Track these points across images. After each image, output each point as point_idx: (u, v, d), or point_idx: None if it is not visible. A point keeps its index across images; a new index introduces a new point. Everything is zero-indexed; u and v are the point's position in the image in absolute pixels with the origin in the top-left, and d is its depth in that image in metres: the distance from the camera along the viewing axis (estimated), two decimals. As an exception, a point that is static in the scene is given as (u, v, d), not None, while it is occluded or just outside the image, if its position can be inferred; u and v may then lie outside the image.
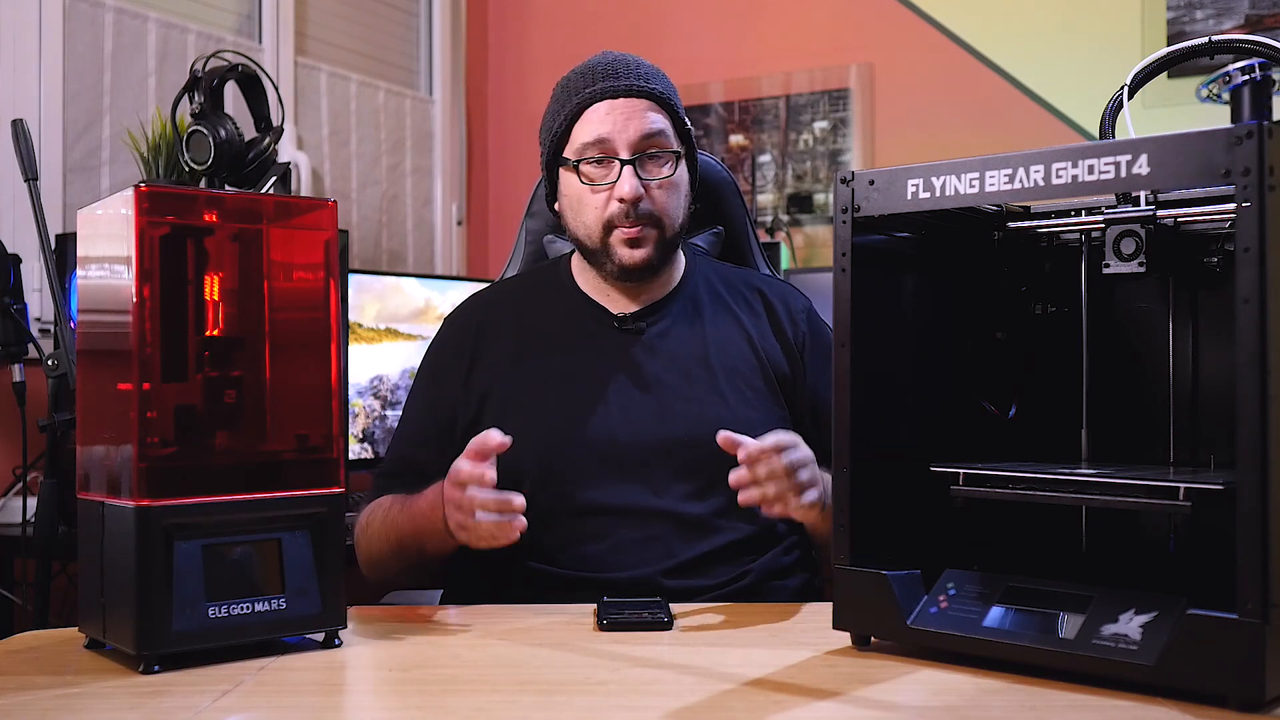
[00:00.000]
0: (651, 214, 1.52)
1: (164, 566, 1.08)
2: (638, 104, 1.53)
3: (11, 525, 2.21)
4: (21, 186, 1.57)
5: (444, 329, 1.67)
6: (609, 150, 1.51)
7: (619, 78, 1.54)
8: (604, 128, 1.51)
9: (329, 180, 3.26)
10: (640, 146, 1.52)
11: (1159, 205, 1.11)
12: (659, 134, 1.53)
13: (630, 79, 1.54)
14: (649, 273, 1.56)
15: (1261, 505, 0.91)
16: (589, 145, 1.52)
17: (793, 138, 3.49)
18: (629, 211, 1.51)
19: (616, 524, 1.48)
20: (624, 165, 1.50)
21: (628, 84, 1.53)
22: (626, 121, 1.51)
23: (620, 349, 1.57)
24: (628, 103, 1.52)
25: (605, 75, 1.54)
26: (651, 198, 1.52)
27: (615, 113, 1.52)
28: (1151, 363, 1.18)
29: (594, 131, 1.52)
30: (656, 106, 1.54)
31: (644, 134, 1.52)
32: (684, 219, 1.58)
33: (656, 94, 1.54)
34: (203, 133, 1.67)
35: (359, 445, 2.64)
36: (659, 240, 1.54)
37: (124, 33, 2.71)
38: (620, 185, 1.50)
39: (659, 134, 1.53)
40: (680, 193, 1.56)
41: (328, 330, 1.21)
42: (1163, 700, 0.95)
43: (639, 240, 1.52)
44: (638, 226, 1.52)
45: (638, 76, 1.54)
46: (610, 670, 1.09)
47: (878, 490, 1.15)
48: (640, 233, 1.52)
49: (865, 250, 1.15)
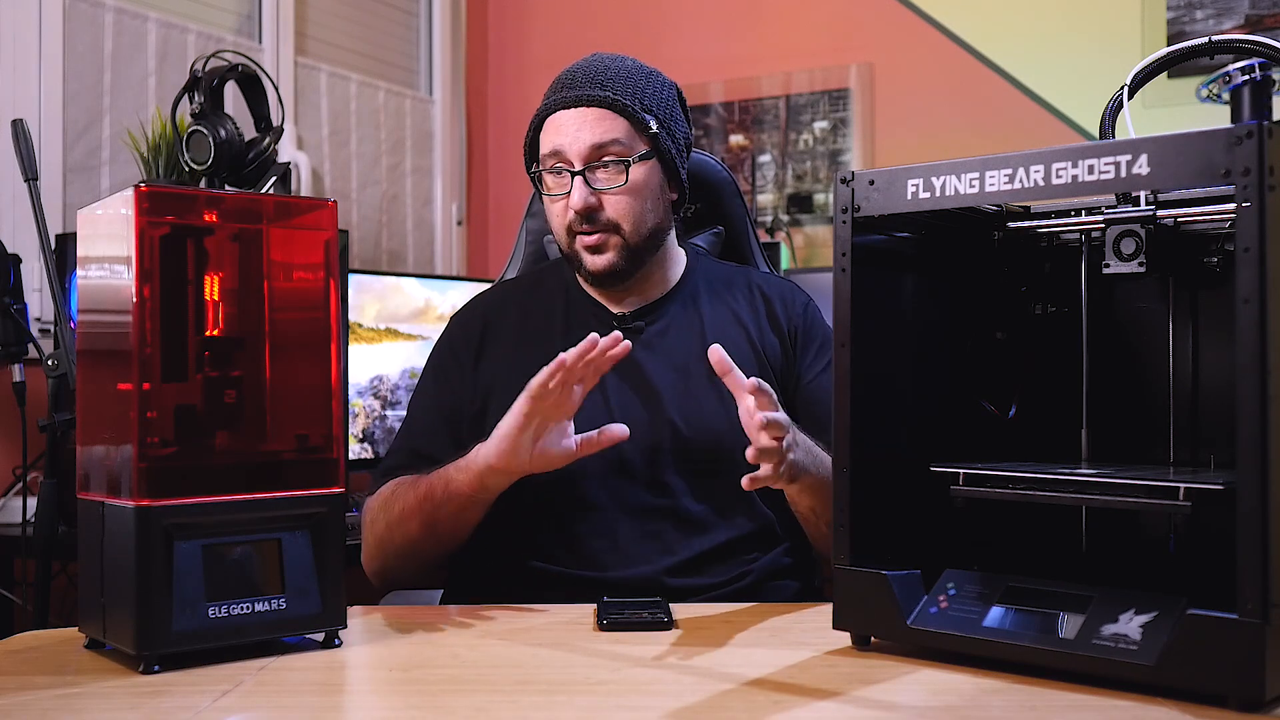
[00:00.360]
0: (610, 221, 1.54)
1: (164, 566, 1.08)
2: (589, 113, 1.53)
3: (11, 525, 2.21)
4: (21, 186, 1.57)
5: (451, 326, 1.68)
6: (563, 161, 1.54)
7: (575, 87, 1.55)
8: (557, 139, 1.54)
9: (329, 180, 3.26)
10: (591, 156, 1.53)
11: (1159, 205, 1.11)
12: (610, 143, 1.53)
13: (584, 88, 1.54)
14: (617, 279, 1.57)
15: (1261, 505, 0.91)
16: (547, 156, 1.56)
17: (793, 138, 3.49)
18: (580, 221, 1.53)
19: (616, 521, 1.48)
20: (574, 176, 1.53)
21: (578, 94, 1.54)
22: (577, 132, 1.53)
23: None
24: (579, 112, 1.53)
25: (564, 85, 1.56)
26: (609, 204, 1.53)
27: (566, 124, 1.54)
28: (1151, 363, 1.18)
29: (550, 143, 1.55)
30: (611, 114, 1.54)
31: (593, 144, 1.52)
32: (656, 221, 1.57)
33: (608, 100, 1.54)
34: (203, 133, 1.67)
35: (359, 445, 2.64)
36: (622, 246, 1.55)
37: (124, 33, 2.71)
38: (572, 196, 1.53)
39: (610, 143, 1.53)
40: (645, 198, 1.55)
41: (328, 330, 1.21)
42: (1163, 700, 0.95)
43: (599, 247, 1.54)
44: (595, 235, 1.54)
45: (594, 84, 1.54)
46: (610, 670, 1.09)
47: (878, 490, 1.15)
48: (599, 240, 1.54)
49: (865, 250, 1.15)
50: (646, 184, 1.56)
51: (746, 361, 1.58)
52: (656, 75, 1.60)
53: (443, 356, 1.65)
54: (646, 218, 1.56)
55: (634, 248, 1.56)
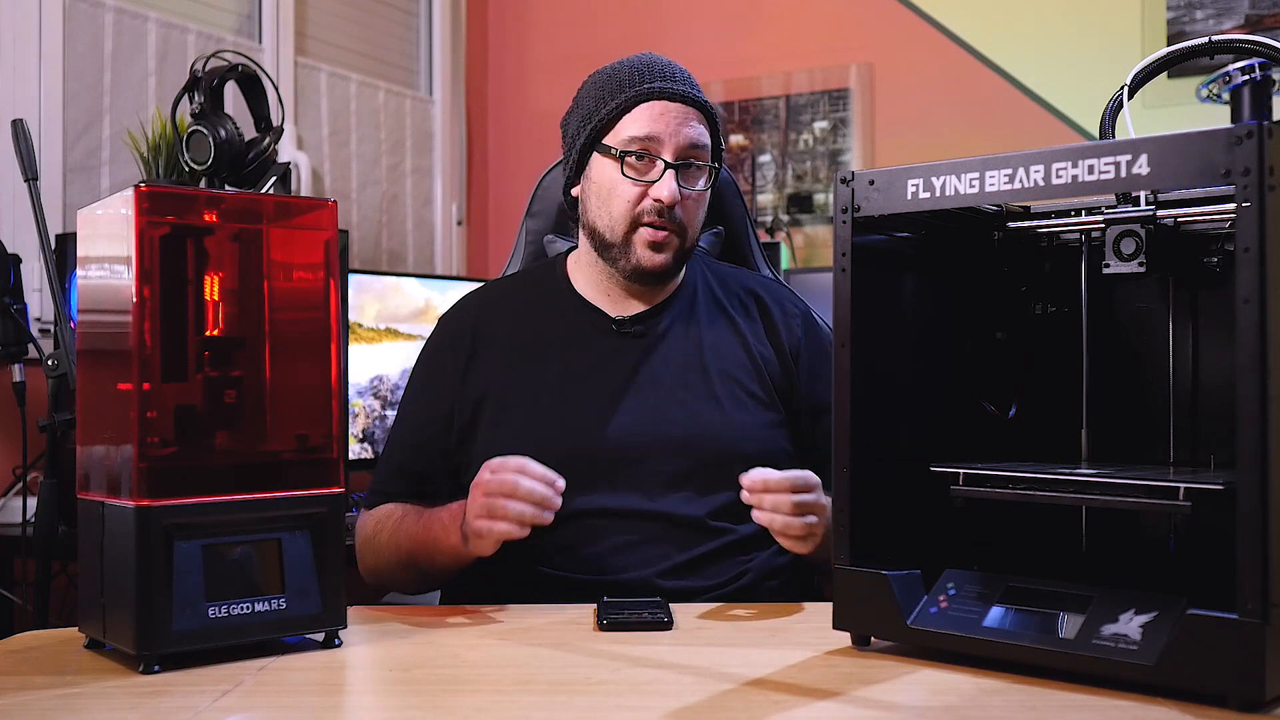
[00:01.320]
0: (681, 222, 1.53)
1: (164, 566, 1.08)
2: (690, 112, 1.54)
3: (11, 525, 2.21)
4: (21, 186, 1.57)
5: (439, 329, 1.66)
6: (654, 149, 1.52)
7: (676, 81, 1.54)
8: (655, 126, 1.52)
9: (329, 180, 3.26)
10: (685, 154, 1.52)
11: (1159, 205, 1.11)
12: (703, 147, 1.54)
13: (686, 85, 1.55)
14: (663, 278, 1.57)
15: (1261, 505, 0.91)
16: (636, 139, 1.52)
17: (793, 138, 3.49)
18: (663, 212, 1.51)
19: (613, 526, 1.48)
20: (668, 168, 1.51)
21: (684, 90, 1.54)
22: (679, 126, 1.52)
23: (617, 352, 1.57)
24: (682, 108, 1.53)
25: (662, 76, 1.54)
26: (684, 206, 1.53)
27: (669, 114, 1.52)
28: (1151, 363, 1.18)
29: (644, 127, 1.52)
30: (704, 120, 1.56)
31: (691, 142, 1.52)
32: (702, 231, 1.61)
33: (707, 108, 1.56)
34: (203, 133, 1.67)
35: (359, 445, 2.64)
36: (679, 249, 1.55)
37: (124, 33, 2.71)
38: (660, 186, 1.50)
39: (703, 147, 1.54)
40: (704, 209, 1.58)
41: (328, 330, 1.21)
42: (1163, 700, 0.95)
43: (663, 245, 1.53)
44: (665, 231, 1.52)
45: (692, 85, 1.57)
46: (610, 670, 1.09)
47: (878, 490, 1.15)
48: (666, 237, 1.53)
49: (865, 250, 1.15)
50: (708, 197, 1.59)
51: (743, 369, 1.58)
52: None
53: (431, 361, 1.63)
54: (700, 227, 1.59)
55: (684, 255, 1.57)
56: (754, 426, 1.54)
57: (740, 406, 1.55)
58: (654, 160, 1.51)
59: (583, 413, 1.52)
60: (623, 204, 1.53)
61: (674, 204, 1.51)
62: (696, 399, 1.54)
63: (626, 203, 1.52)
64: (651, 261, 1.53)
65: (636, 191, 1.52)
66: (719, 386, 1.55)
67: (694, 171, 1.54)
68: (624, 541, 1.48)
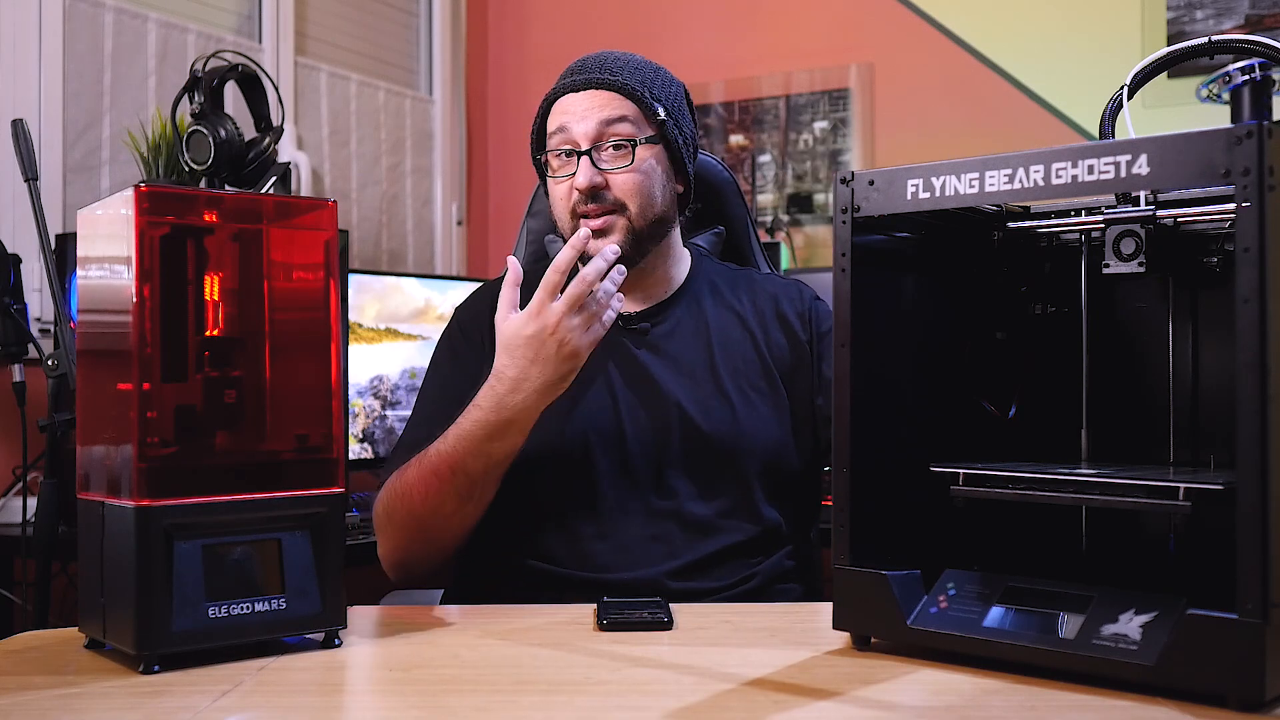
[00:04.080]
0: (616, 200, 1.52)
1: (164, 566, 1.08)
2: (598, 95, 1.53)
3: (11, 525, 2.21)
4: (21, 186, 1.57)
5: (459, 315, 1.66)
6: (568, 141, 1.52)
7: (584, 72, 1.55)
8: (564, 119, 1.53)
9: (329, 180, 3.26)
10: (598, 135, 1.51)
11: (1159, 205, 1.11)
12: (617, 121, 1.52)
13: (593, 72, 1.54)
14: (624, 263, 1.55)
15: (1261, 505, 0.91)
16: (551, 136, 1.54)
17: (793, 138, 3.49)
18: (585, 200, 1.51)
19: (620, 524, 1.48)
20: (580, 156, 1.51)
21: (587, 77, 1.54)
22: (585, 112, 1.52)
23: (625, 350, 1.57)
24: (588, 94, 1.53)
25: (572, 71, 1.56)
26: (616, 184, 1.51)
27: (575, 105, 1.53)
28: (1151, 363, 1.18)
29: (555, 123, 1.54)
30: (619, 97, 1.54)
31: (600, 122, 1.51)
32: (662, 208, 1.56)
33: (618, 84, 1.54)
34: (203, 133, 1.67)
35: (359, 445, 2.64)
36: (628, 229, 1.52)
37: (124, 33, 2.71)
38: (577, 175, 1.51)
39: (617, 121, 1.52)
40: (653, 181, 1.54)
41: (328, 330, 1.21)
42: (1163, 700, 0.95)
43: (605, 230, 1.52)
44: (601, 217, 1.51)
45: (603, 69, 1.55)
46: (610, 670, 1.09)
47: (878, 490, 1.15)
48: (605, 221, 1.51)
49: (865, 250, 1.15)
50: (654, 168, 1.55)
51: (750, 364, 1.58)
52: (664, 71, 1.61)
53: (452, 344, 1.63)
54: (654, 201, 1.54)
55: (639, 232, 1.53)
56: (763, 421, 1.54)
57: (748, 402, 1.55)
58: (574, 155, 1.52)
59: (590, 410, 1.52)
60: (559, 205, 1.55)
61: (592, 188, 1.50)
62: (705, 395, 1.54)
63: (561, 202, 1.54)
64: (598, 249, 1.51)
65: (565, 188, 1.53)
66: (728, 382, 1.55)
67: (616, 151, 1.52)
68: (631, 539, 1.47)
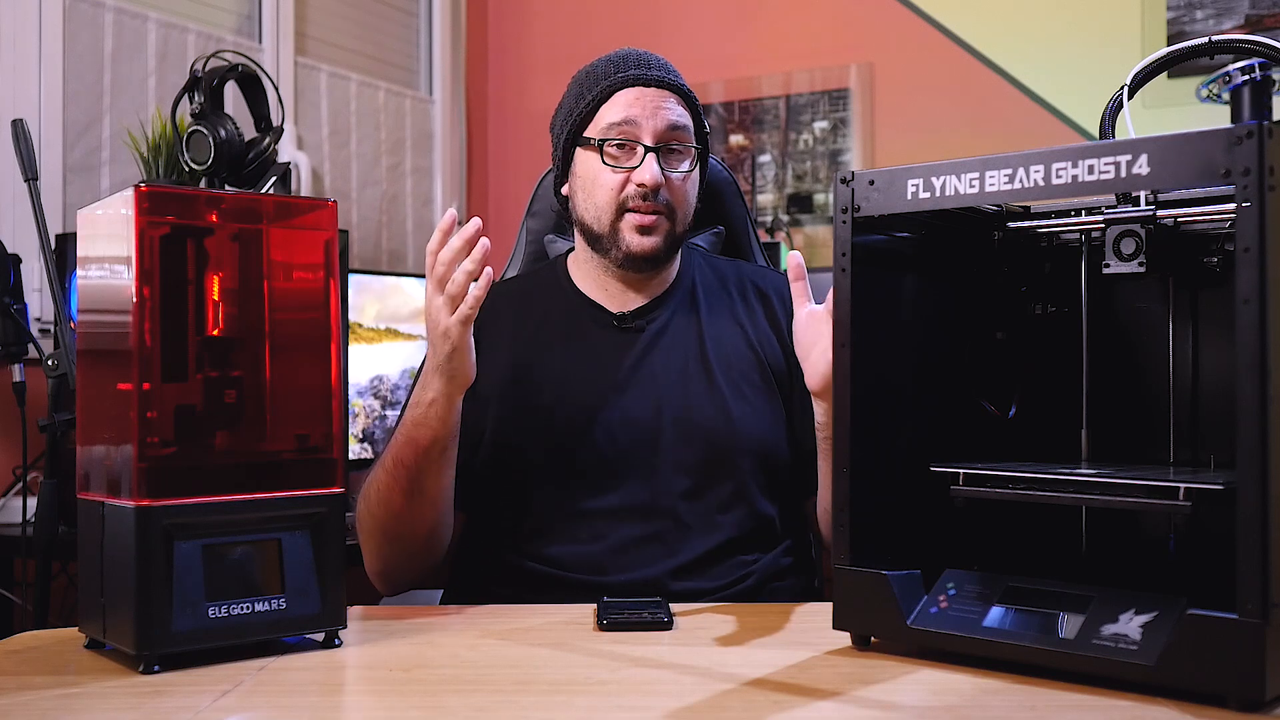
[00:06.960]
0: (668, 204, 1.53)
1: (164, 566, 1.08)
2: (666, 95, 1.54)
3: (11, 525, 2.21)
4: (21, 186, 1.57)
5: None
6: (633, 134, 1.52)
7: (650, 68, 1.55)
8: (631, 111, 1.52)
9: (329, 180, 3.26)
10: (664, 137, 1.52)
11: (1159, 205, 1.11)
12: (683, 128, 1.54)
13: (661, 71, 1.56)
14: (654, 264, 1.56)
15: (1261, 505, 0.91)
16: (614, 125, 1.52)
17: (793, 138, 3.49)
18: (647, 195, 1.51)
19: (616, 523, 1.48)
20: (648, 151, 1.51)
21: (658, 75, 1.54)
22: (655, 110, 1.52)
23: (618, 347, 1.57)
24: (657, 92, 1.53)
25: (636, 64, 1.55)
26: (670, 189, 1.52)
27: (644, 99, 1.52)
28: (1151, 363, 1.18)
29: (621, 113, 1.52)
30: (683, 103, 1.56)
31: (670, 125, 1.52)
32: (693, 219, 1.59)
33: (684, 91, 1.56)
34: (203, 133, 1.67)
35: (359, 445, 2.64)
36: (669, 232, 1.54)
37: (124, 33, 2.71)
38: (642, 170, 1.50)
39: (683, 128, 1.54)
40: (694, 190, 1.58)
41: (328, 330, 1.21)
42: (1163, 700, 0.95)
43: (651, 228, 1.52)
44: (653, 214, 1.52)
45: (668, 70, 1.57)
46: (610, 670, 1.09)
47: (878, 490, 1.15)
48: (654, 221, 1.52)
49: (865, 250, 1.15)
50: (696, 180, 1.58)
51: (745, 361, 1.58)
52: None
53: None
54: (692, 210, 1.58)
55: (677, 237, 1.56)
56: (756, 417, 1.54)
57: (742, 398, 1.55)
58: (634, 146, 1.52)
59: (585, 409, 1.52)
60: (606, 192, 1.53)
61: (658, 186, 1.50)
62: (699, 391, 1.54)
63: (610, 190, 1.52)
64: (641, 246, 1.52)
65: (619, 179, 1.52)
66: (721, 378, 1.55)
67: (677, 154, 1.54)
68: (627, 538, 1.47)
